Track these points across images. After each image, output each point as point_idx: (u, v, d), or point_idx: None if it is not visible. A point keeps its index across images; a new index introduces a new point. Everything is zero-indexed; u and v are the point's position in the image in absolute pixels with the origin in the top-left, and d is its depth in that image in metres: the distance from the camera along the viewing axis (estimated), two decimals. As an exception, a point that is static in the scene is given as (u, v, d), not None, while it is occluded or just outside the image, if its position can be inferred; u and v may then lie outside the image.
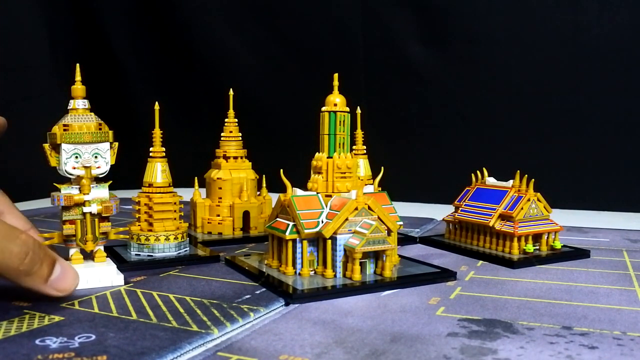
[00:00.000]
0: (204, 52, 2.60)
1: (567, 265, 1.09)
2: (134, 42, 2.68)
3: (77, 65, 0.93)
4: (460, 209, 1.26)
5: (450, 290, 0.91)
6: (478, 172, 1.31)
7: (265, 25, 2.49)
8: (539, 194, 1.17)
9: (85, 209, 0.91)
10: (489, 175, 1.30)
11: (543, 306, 0.83)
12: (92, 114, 0.93)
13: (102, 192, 0.92)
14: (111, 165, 0.94)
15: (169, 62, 2.67)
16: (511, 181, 1.21)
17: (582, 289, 0.92)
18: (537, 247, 1.16)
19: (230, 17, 2.54)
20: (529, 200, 1.15)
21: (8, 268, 0.75)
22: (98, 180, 0.93)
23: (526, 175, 1.19)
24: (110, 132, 0.93)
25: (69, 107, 0.93)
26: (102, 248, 0.95)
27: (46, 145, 0.91)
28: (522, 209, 1.14)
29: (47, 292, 0.81)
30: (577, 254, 1.15)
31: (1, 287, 0.89)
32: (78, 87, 0.93)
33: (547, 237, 1.17)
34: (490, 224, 1.16)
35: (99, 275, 0.91)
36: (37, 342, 0.67)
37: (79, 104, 0.93)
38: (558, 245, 1.16)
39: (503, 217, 1.16)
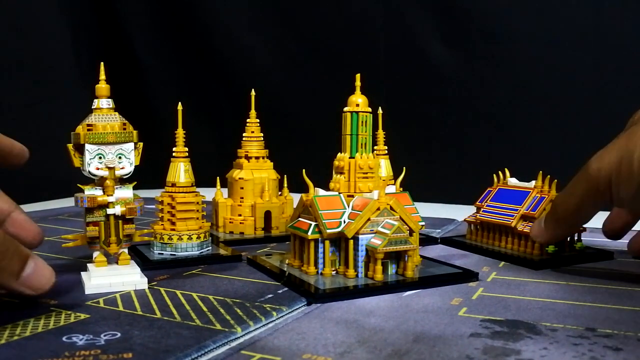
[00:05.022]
0: (226, 53, 2.61)
1: (590, 266, 1.08)
2: (157, 43, 2.70)
3: (102, 64, 0.93)
4: (482, 209, 1.26)
5: (473, 290, 0.91)
6: (500, 172, 1.30)
7: (287, 25, 2.50)
8: None
9: (109, 211, 0.90)
10: (511, 176, 1.29)
11: (566, 307, 0.82)
12: (117, 113, 0.92)
13: (126, 193, 0.92)
14: (135, 165, 0.94)
15: (192, 62, 2.69)
16: (533, 182, 1.20)
17: (605, 290, 0.92)
18: (558, 248, 1.15)
19: (252, 18, 2.55)
20: (551, 201, 1.14)
21: None
22: (122, 181, 0.93)
23: (548, 176, 1.18)
24: (135, 132, 0.92)
25: (93, 107, 0.92)
26: (126, 250, 0.94)
27: (70, 146, 0.90)
28: (544, 209, 1.13)
29: (19, 289, 0.77)
30: (600, 255, 1.14)
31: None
32: (102, 86, 0.93)
33: (570, 238, 1.16)
34: (512, 225, 1.16)
35: (122, 279, 0.90)
36: (64, 339, 0.68)
37: (103, 103, 0.92)
38: (579, 245, 1.16)
39: (525, 217, 1.16)
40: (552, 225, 1.01)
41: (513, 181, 1.27)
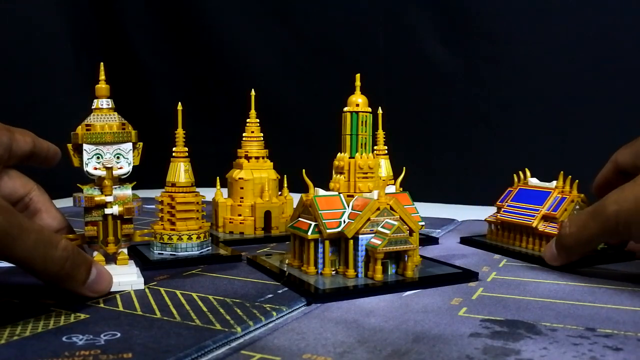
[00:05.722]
0: (226, 53, 2.61)
1: (590, 266, 1.07)
2: (157, 43, 2.70)
3: (101, 64, 0.93)
4: (503, 209, 1.25)
5: (472, 290, 0.91)
6: (520, 172, 1.29)
7: (287, 25, 2.50)
8: (583, 195, 1.16)
9: (107, 211, 0.90)
10: (532, 176, 1.28)
11: (566, 307, 0.82)
12: (116, 113, 0.92)
13: (124, 193, 0.92)
14: (134, 165, 0.93)
15: (192, 62, 2.69)
16: (554, 182, 1.19)
17: (605, 290, 0.92)
18: None
19: (252, 18, 2.55)
20: (572, 201, 1.14)
21: (49, 273, 0.77)
22: (122, 181, 0.93)
23: (570, 176, 1.17)
24: (134, 132, 0.92)
25: (92, 107, 0.92)
26: (125, 250, 0.94)
27: (69, 146, 0.91)
28: (565, 210, 1.13)
29: (84, 293, 0.83)
30: (621, 256, 1.12)
31: (28, 285, 0.91)
32: (102, 87, 0.93)
33: None
34: (533, 225, 1.15)
35: (119, 279, 0.89)
36: (63, 339, 0.68)
37: (103, 103, 0.92)
38: (602, 246, 1.13)
39: (546, 218, 1.15)
40: (564, 253, 1.02)
41: (534, 181, 1.26)
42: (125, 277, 0.91)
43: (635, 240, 0.91)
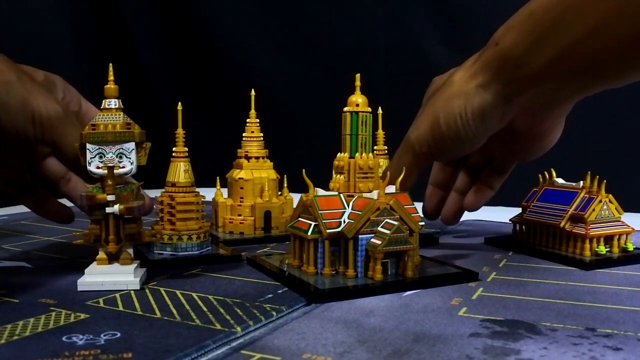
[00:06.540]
0: (226, 53, 2.61)
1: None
2: (158, 43, 2.70)
3: (110, 65, 0.94)
4: (529, 209, 1.25)
5: (472, 290, 0.91)
6: (545, 172, 1.29)
7: (287, 25, 2.50)
8: (610, 195, 1.15)
9: (108, 210, 0.90)
10: (559, 178, 1.27)
11: (566, 307, 0.82)
12: (122, 113, 0.92)
13: (127, 192, 0.92)
14: (141, 165, 0.93)
15: (192, 62, 2.69)
16: (581, 182, 1.19)
17: (605, 290, 0.92)
18: (609, 249, 1.13)
19: (252, 18, 2.55)
20: (600, 201, 1.14)
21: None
22: (128, 181, 0.93)
23: (597, 177, 1.17)
24: (137, 132, 0.91)
25: (101, 107, 0.93)
26: (130, 250, 0.93)
27: (76, 145, 0.91)
28: (593, 210, 1.13)
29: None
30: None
31: (28, 285, 0.91)
32: (110, 87, 0.93)
33: (619, 239, 1.15)
34: (561, 225, 1.15)
35: (115, 278, 0.90)
36: (63, 339, 0.68)
37: (111, 103, 0.92)
38: (630, 247, 1.14)
39: (574, 218, 1.15)
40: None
41: (560, 181, 1.26)
42: (122, 276, 0.90)
43: (437, 158, 1.08)
